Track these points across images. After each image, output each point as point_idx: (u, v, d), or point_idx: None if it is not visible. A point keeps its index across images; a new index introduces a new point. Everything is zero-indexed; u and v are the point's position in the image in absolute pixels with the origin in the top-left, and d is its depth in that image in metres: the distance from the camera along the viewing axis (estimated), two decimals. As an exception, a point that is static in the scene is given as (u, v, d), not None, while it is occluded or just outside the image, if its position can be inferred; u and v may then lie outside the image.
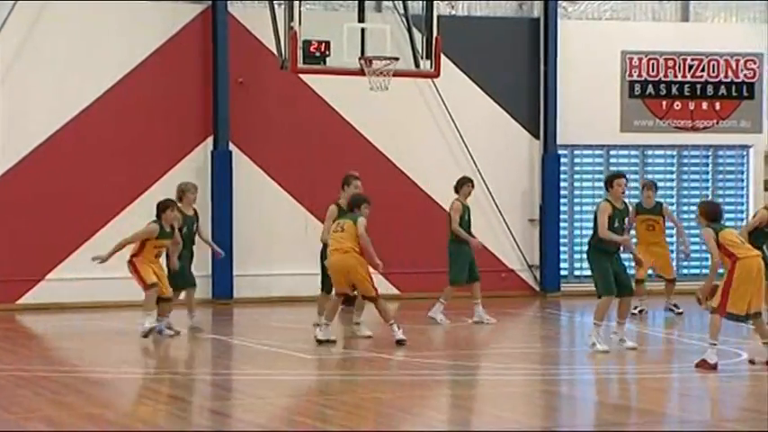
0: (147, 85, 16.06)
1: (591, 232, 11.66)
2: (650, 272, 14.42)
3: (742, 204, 17.86)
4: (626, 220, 11.73)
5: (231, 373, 10.78)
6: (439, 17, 14.22)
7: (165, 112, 16.15)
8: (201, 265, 16.22)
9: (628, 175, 17.54)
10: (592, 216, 17.36)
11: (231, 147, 16.34)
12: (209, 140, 16.33)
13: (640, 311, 14.07)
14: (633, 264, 12.15)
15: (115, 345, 12.28)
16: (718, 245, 10.27)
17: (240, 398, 9.39)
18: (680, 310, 14.11)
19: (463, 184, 13.76)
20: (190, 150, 16.30)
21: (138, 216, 16.15)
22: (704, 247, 18.09)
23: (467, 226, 13.64)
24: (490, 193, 16.82)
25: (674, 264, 15.31)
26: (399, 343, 11.45)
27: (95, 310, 15.17)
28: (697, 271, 17.92)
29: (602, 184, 17.51)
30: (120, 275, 15.67)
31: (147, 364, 10.76)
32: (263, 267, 16.45)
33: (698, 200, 17.87)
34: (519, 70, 17.23)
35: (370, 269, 11.79)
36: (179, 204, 12.59)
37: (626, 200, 11.68)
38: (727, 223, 17.80)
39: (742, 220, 17.89)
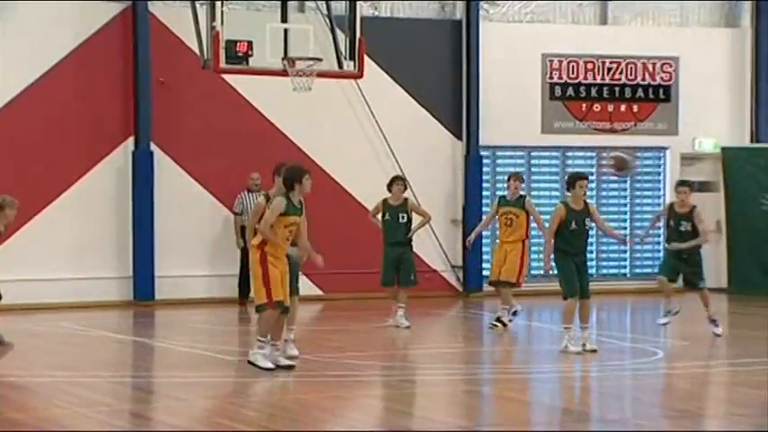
0: (66, 84, 15.82)
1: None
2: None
3: (659, 206, 18.15)
4: (585, 221, 11.44)
5: (152, 375, 10.67)
6: (362, 18, 14.25)
7: (84, 112, 15.92)
8: (123, 267, 16.08)
9: (548, 177, 17.99)
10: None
11: (153, 147, 16.17)
12: (130, 141, 16.14)
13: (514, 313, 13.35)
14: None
15: (32, 347, 12.05)
16: None
17: (161, 400, 9.30)
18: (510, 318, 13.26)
19: (391, 184, 13.47)
20: (110, 151, 16.10)
21: (57, 217, 15.92)
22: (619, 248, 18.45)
23: (389, 225, 13.24)
24: (413, 194, 16.87)
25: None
26: (250, 364, 9.92)
27: (12, 312, 14.89)
28: (615, 271, 18.21)
29: (524, 185, 17.79)
30: (36, 277, 15.44)
31: (66, 366, 10.59)
32: (185, 268, 16.31)
33: (615, 200, 18.24)
34: (442, 72, 17.33)
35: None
36: None
37: (587, 200, 11.60)
38: (646, 224, 18.34)
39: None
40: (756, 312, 15.10)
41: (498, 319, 13.19)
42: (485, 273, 17.53)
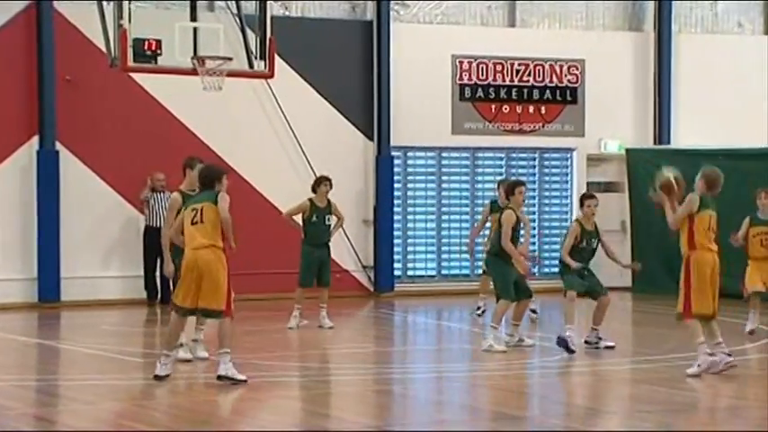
0: (-33, 81, 15.45)
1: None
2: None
3: (567, 206, 18.49)
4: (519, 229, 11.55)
5: (58, 378, 10.47)
6: (272, 18, 14.18)
7: (-14, 111, 15.58)
8: (27, 268, 15.76)
9: (459, 177, 18.15)
10: (425, 217, 17.90)
11: (58, 146, 15.87)
12: (35, 140, 15.83)
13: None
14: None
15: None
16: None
17: (66, 404, 9.14)
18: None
19: (318, 185, 13.41)
20: (13, 150, 15.77)
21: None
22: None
23: (315, 226, 13.20)
24: (325, 194, 16.90)
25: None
26: (221, 378, 9.46)
27: None
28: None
29: (434, 185, 18.02)
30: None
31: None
32: (91, 269, 16.06)
33: (524, 200, 18.40)
34: (353, 72, 17.36)
35: None
36: None
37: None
38: (554, 224, 18.65)
39: (567, 221, 18.51)
40: (659, 311, 15.41)
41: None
42: (396, 273, 17.66)
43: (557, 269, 12.32)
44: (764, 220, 12.60)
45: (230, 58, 13.70)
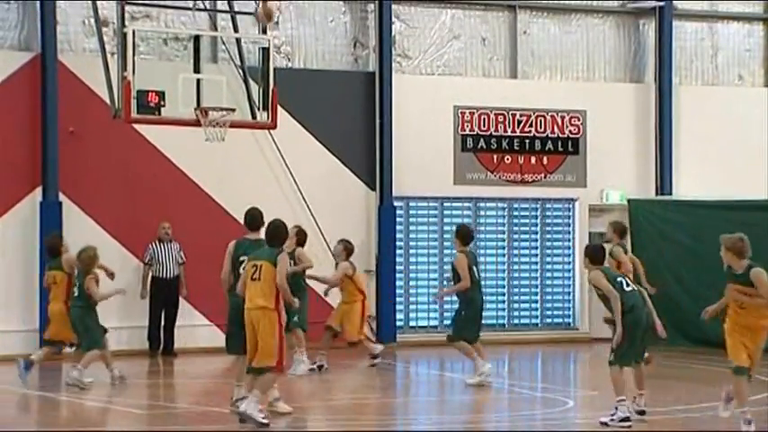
0: (-28, 133, 15.52)
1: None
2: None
3: (569, 256, 18.48)
4: None
5: (59, 431, 10.41)
6: (275, 69, 14.30)
7: (-10, 162, 15.65)
8: (29, 319, 15.73)
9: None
10: (427, 267, 17.90)
11: (62, 197, 15.92)
12: (38, 191, 15.88)
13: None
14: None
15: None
16: None
17: (67, 457, 9.09)
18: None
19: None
20: (16, 202, 15.81)
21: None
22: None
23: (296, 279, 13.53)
24: (327, 245, 16.89)
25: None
26: (242, 414, 9.68)
27: None
28: (527, 321, 18.36)
29: (436, 235, 18.04)
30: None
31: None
32: (93, 320, 16.00)
33: (527, 251, 18.47)
34: (355, 123, 17.45)
35: None
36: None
37: None
38: (556, 275, 18.63)
39: (569, 271, 18.51)
40: (661, 362, 15.36)
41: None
42: (398, 323, 17.61)
43: (559, 319, 12.42)
44: None
45: (233, 109, 13.79)
